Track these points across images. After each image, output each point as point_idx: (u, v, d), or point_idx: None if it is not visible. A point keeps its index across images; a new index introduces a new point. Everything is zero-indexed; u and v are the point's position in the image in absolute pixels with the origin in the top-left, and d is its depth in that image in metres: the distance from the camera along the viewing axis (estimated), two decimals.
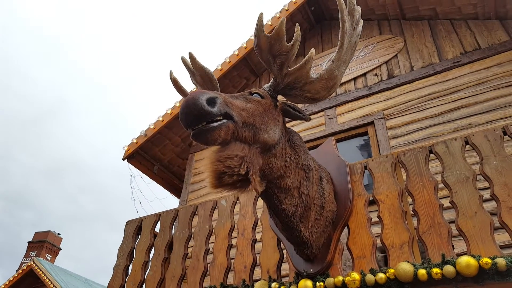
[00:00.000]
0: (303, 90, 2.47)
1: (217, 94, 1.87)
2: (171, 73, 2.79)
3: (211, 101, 1.79)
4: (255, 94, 2.28)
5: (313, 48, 2.42)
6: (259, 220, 3.27)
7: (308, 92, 2.48)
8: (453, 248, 2.38)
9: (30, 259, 20.59)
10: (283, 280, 2.78)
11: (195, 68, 2.57)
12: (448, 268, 2.15)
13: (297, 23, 2.35)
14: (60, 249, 25.10)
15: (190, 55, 2.56)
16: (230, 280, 3.30)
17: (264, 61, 2.38)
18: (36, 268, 18.15)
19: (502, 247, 3.31)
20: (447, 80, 5.49)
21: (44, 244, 23.86)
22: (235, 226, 3.36)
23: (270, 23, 7.29)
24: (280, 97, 2.52)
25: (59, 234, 25.46)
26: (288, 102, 2.54)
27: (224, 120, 1.85)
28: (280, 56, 2.32)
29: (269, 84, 2.49)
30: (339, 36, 2.55)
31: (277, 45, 2.27)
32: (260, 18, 2.21)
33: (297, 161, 2.41)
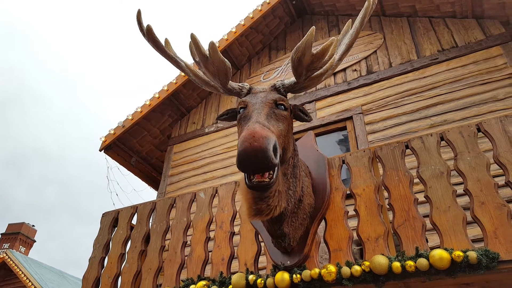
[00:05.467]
0: (309, 87, 2.53)
1: (272, 134, 1.84)
2: (139, 14, 2.67)
3: (275, 150, 1.79)
4: (280, 106, 2.26)
5: (335, 55, 2.42)
6: (237, 213, 3.27)
7: (309, 88, 2.55)
8: (427, 241, 2.43)
9: (3, 251, 20.10)
10: (261, 272, 2.79)
11: (213, 59, 2.41)
12: (422, 261, 2.20)
13: (334, 38, 2.34)
14: (35, 241, 24.57)
15: (212, 45, 2.34)
16: (208, 272, 3.30)
17: (296, 72, 2.37)
18: (9, 260, 17.72)
19: (474, 241, 3.40)
20: (424, 77, 5.58)
21: (18, 236, 23.32)
22: (214, 218, 3.36)
23: (251, 15, 7.27)
24: None
25: (33, 226, 24.91)
26: (299, 105, 2.55)
27: (277, 167, 1.88)
28: (314, 70, 2.36)
29: (286, 84, 2.46)
30: (352, 37, 2.60)
31: (317, 62, 2.31)
32: (311, 33, 2.17)
33: (292, 161, 2.44)
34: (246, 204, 2.07)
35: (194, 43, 2.47)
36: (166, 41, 2.82)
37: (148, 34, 2.68)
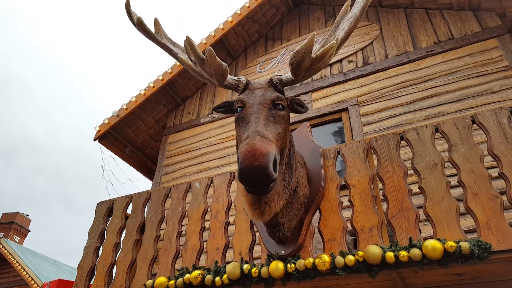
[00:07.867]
0: (304, 80, 2.54)
1: (272, 147, 1.86)
2: (128, 4, 2.67)
3: (275, 164, 1.83)
4: (278, 105, 2.26)
5: (334, 41, 2.40)
6: (232, 203, 3.28)
7: (304, 80, 2.55)
8: (420, 232, 2.45)
9: None
10: (255, 262, 2.81)
11: (211, 63, 2.40)
12: (415, 251, 2.22)
13: (334, 42, 2.31)
14: (29, 230, 24.51)
15: (209, 51, 2.33)
16: (203, 262, 3.32)
17: (295, 73, 2.38)
18: (3, 249, 17.70)
19: (466, 231, 3.42)
20: (420, 69, 5.58)
21: (12, 225, 23.27)
22: (209, 208, 3.36)
23: (247, 5, 7.21)
24: None
25: (28, 215, 24.84)
26: (296, 99, 2.55)
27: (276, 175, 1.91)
28: (313, 70, 2.38)
29: (283, 80, 2.44)
30: (351, 25, 2.58)
31: (316, 65, 2.33)
32: (312, 40, 2.18)
33: (288, 152, 2.43)
34: (247, 205, 2.15)
35: (190, 46, 2.43)
36: (156, 22, 2.78)
37: (139, 25, 2.65)
